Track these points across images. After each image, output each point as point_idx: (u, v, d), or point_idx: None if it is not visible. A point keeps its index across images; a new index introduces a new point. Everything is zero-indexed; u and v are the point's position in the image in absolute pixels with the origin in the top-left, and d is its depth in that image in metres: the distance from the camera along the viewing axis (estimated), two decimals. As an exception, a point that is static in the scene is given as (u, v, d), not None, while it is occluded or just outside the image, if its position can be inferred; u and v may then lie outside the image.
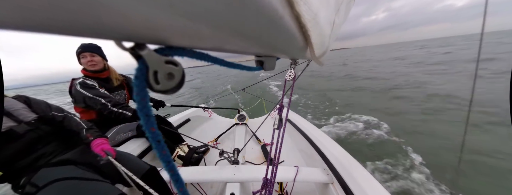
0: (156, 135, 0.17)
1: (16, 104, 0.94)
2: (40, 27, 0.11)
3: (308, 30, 0.31)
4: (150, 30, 0.14)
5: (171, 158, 0.19)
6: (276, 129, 0.68)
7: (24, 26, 0.10)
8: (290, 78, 0.63)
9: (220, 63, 0.24)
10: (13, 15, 0.09)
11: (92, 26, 0.12)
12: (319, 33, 0.35)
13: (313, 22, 0.29)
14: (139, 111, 0.16)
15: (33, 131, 0.90)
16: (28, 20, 0.10)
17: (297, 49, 0.40)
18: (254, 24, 0.21)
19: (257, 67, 0.40)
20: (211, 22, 0.16)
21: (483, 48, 0.71)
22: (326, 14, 0.43)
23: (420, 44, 49.63)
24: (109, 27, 0.12)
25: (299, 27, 0.31)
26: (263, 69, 0.42)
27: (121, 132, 1.49)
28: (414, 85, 6.69)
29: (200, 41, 0.19)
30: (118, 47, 0.15)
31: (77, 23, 0.11)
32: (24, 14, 0.09)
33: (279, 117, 0.68)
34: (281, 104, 0.73)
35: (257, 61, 0.41)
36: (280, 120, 0.68)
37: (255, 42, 0.26)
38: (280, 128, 0.69)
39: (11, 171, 0.83)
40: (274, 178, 0.76)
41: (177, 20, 0.14)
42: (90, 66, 1.43)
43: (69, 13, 0.10)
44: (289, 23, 0.27)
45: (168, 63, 0.17)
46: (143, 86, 0.16)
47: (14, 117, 0.89)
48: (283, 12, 0.24)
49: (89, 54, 1.41)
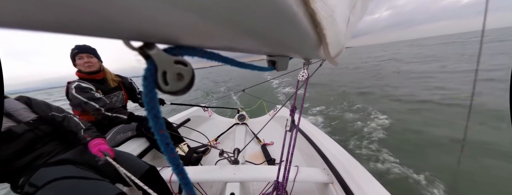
0: (165, 137, 0.17)
1: (17, 105, 0.96)
2: (46, 26, 0.10)
3: (324, 29, 0.29)
4: (160, 29, 0.13)
5: (180, 161, 0.18)
6: (288, 131, 0.66)
7: (30, 26, 0.10)
8: (303, 79, 0.61)
9: (231, 63, 0.23)
10: (19, 14, 0.09)
11: (101, 25, 0.11)
12: (334, 32, 0.33)
13: (329, 20, 0.27)
14: (148, 112, 0.16)
15: (32, 131, 0.91)
16: (34, 19, 0.09)
17: (311, 48, 0.38)
18: (267, 21, 0.19)
19: (269, 67, 0.39)
20: (222, 19, 0.15)
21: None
22: (342, 10, 0.40)
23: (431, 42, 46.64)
24: (118, 25, 0.12)
25: (314, 25, 0.30)
26: (276, 70, 0.41)
27: (121, 132, 1.50)
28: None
29: (210, 40, 0.19)
30: (126, 46, 0.14)
31: (85, 22, 0.11)
32: (30, 13, 0.09)
33: (291, 119, 0.66)
34: (294, 105, 0.71)
35: (269, 61, 0.40)
36: (292, 122, 0.66)
37: (268, 41, 0.25)
38: (292, 130, 0.67)
39: (9, 170, 0.84)
40: (286, 181, 0.74)
41: (187, 17, 0.13)
42: (86, 67, 1.40)
43: (77, 11, 0.10)
44: (304, 20, 0.26)
45: (178, 64, 0.16)
46: (152, 87, 0.15)
47: (14, 117, 0.91)
48: (297, 9, 0.23)
49: (86, 55, 1.39)
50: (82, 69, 1.41)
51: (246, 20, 0.17)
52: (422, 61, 12.52)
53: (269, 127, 1.78)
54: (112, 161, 0.89)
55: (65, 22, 0.10)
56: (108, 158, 0.89)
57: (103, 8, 0.10)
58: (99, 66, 1.48)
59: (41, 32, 0.11)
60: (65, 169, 0.85)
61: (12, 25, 0.10)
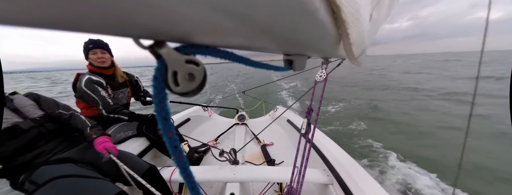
0: (173, 140, 0.16)
1: (25, 101, 0.98)
2: (53, 24, 0.10)
3: (348, 27, 0.27)
4: (171, 26, 0.13)
5: (188, 165, 0.18)
6: (304, 134, 0.63)
7: (37, 24, 0.10)
8: (321, 79, 0.59)
9: (245, 62, 0.22)
10: (28, 12, 0.08)
11: (110, 23, 0.11)
12: (359, 30, 0.31)
13: (355, 16, 0.25)
14: (157, 114, 0.15)
15: (37, 128, 0.93)
16: (41, 17, 0.09)
17: (331, 47, 0.36)
18: (286, 17, 0.18)
19: (285, 67, 0.37)
20: (238, 15, 0.14)
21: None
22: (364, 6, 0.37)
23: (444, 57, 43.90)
24: (127, 23, 0.11)
25: (336, 23, 0.27)
26: (292, 69, 0.39)
27: (122, 131, 1.51)
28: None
29: (225, 38, 0.17)
30: (136, 45, 0.13)
31: (94, 20, 0.10)
32: (37, 11, 0.09)
33: (307, 121, 0.63)
34: (310, 106, 0.68)
35: (286, 61, 0.38)
36: (308, 125, 0.63)
37: (286, 39, 0.23)
38: (308, 133, 0.64)
39: (10, 166, 0.85)
40: (300, 187, 0.71)
41: (201, 14, 0.12)
42: (99, 63, 1.41)
43: (86, 8, 0.09)
44: (325, 17, 0.24)
45: (189, 63, 0.15)
46: (161, 87, 0.14)
47: (21, 114, 0.92)
48: (319, 4, 0.21)
49: (100, 50, 1.39)
50: (95, 64, 1.42)
51: (264, 16, 0.16)
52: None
53: (269, 128, 1.77)
54: (116, 159, 0.89)
55: (74, 20, 0.10)
56: (112, 156, 0.90)
57: (112, 5, 0.09)
58: (111, 62, 1.49)
59: (47, 30, 0.11)
60: (66, 167, 0.85)
61: (20, 23, 0.09)
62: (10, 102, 0.94)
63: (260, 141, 2.04)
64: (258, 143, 2.03)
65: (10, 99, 0.95)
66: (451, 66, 18.79)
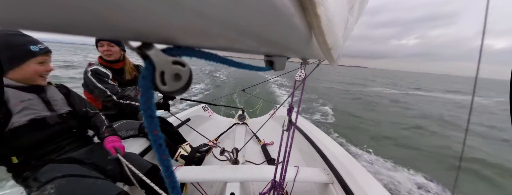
0: (158, 137, 0.17)
1: (57, 95, 0.97)
2: (46, 27, 0.10)
3: (326, 35, 0.30)
4: (158, 29, 0.14)
5: (171, 163, 0.18)
6: (285, 130, 0.66)
7: (30, 26, 0.10)
8: (300, 79, 0.62)
9: (229, 63, 0.23)
10: (20, 15, 0.09)
11: (100, 26, 0.11)
12: (336, 36, 0.34)
13: (330, 25, 0.28)
14: (143, 112, 0.16)
15: (61, 124, 0.93)
16: (34, 20, 0.10)
17: (308, 48, 0.39)
18: (264, 22, 0.20)
19: (266, 67, 0.39)
20: (219, 20, 0.15)
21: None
22: (341, 12, 0.41)
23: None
24: (116, 26, 0.12)
25: (310, 25, 0.30)
26: (273, 70, 0.41)
27: (123, 129, 1.49)
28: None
29: (208, 41, 0.19)
30: (125, 46, 0.14)
31: (85, 23, 0.11)
32: (30, 14, 0.09)
33: (288, 118, 0.66)
34: (291, 104, 0.72)
35: (266, 61, 0.40)
36: (289, 121, 0.66)
37: (265, 42, 0.25)
38: (289, 129, 0.67)
39: (23, 160, 0.83)
40: (283, 180, 0.75)
41: (184, 18, 0.13)
42: (106, 55, 1.41)
43: (76, 12, 0.10)
44: (300, 22, 0.26)
45: (176, 64, 0.16)
46: (148, 86, 0.15)
47: (51, 107, 0.91)
48: (294, 10, 0.23)
49: (107, 43, 1.39)
50: (103, 56, 1.42)
51: (243, 20, 0.17)
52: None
53: (269, 127, 1.78)
54: (122, 158, 0.91)
55: (64, 23, 0.10)
56: (119, 155, 0.91)
57: (102, 9, 0.10)
58: (120, 55, 1.47)
59: (41, 33, 0.11)
60: (71, 167, 0.86)
61: (13, 25, 0.10)
62: (44, 93, 0.93)
63: (260, 140, 2.03)
64: (258, 142, 2.02)
65: (45, 89, 0.94)
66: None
